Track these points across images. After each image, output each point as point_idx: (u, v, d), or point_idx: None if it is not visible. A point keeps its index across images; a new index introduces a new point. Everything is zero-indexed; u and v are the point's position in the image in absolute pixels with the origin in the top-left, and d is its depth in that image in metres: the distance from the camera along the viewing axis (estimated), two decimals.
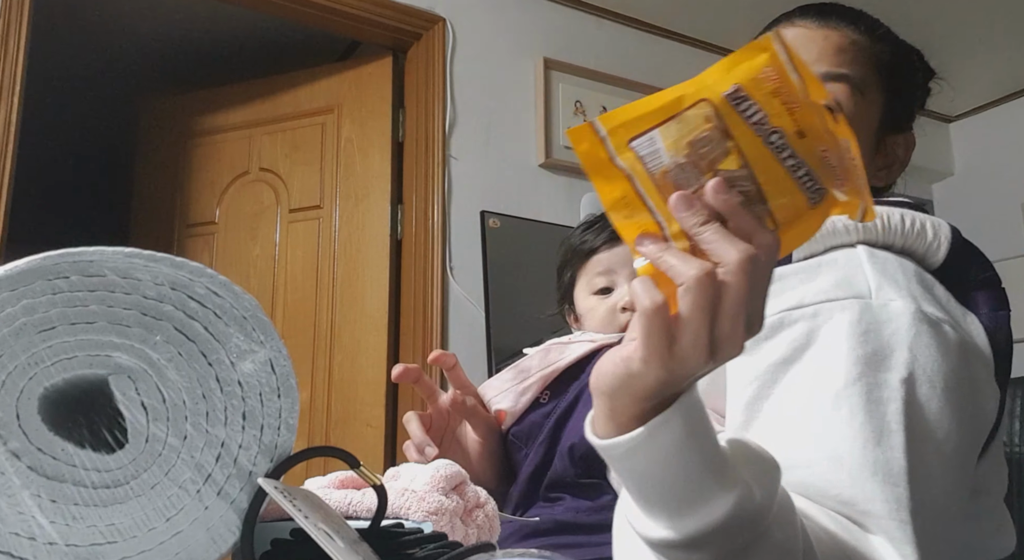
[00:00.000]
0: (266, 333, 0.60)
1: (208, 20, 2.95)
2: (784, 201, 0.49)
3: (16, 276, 0.52)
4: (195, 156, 2.77)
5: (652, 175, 0.49)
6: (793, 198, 0.49)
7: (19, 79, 1.96)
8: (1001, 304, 0.74)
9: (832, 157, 0.49)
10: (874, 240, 0.73)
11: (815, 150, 0.48)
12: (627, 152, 0.49)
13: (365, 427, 2.36)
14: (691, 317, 0.46)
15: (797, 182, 0.48)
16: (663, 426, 0.48)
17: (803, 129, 0.47)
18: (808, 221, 0.50)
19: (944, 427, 0.62)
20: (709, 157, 0.48)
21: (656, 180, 0.49)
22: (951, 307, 0.70)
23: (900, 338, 0.64)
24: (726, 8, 2.76)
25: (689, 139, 0.48)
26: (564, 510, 0.92)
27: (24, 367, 0.53)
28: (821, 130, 0.48)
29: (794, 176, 0.48)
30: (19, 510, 0.52)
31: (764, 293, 0.48)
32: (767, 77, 0.47)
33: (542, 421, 0.98)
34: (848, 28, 0.84)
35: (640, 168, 0.49)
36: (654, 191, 0.49)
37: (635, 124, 0.48)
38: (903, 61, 0.87)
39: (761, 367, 0.66)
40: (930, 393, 0.63)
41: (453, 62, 2.52)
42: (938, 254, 0.74)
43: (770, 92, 0.47)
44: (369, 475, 0.64)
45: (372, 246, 2.49)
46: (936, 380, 0.63)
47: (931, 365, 0.64)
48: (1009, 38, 3.00)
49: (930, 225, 0.74)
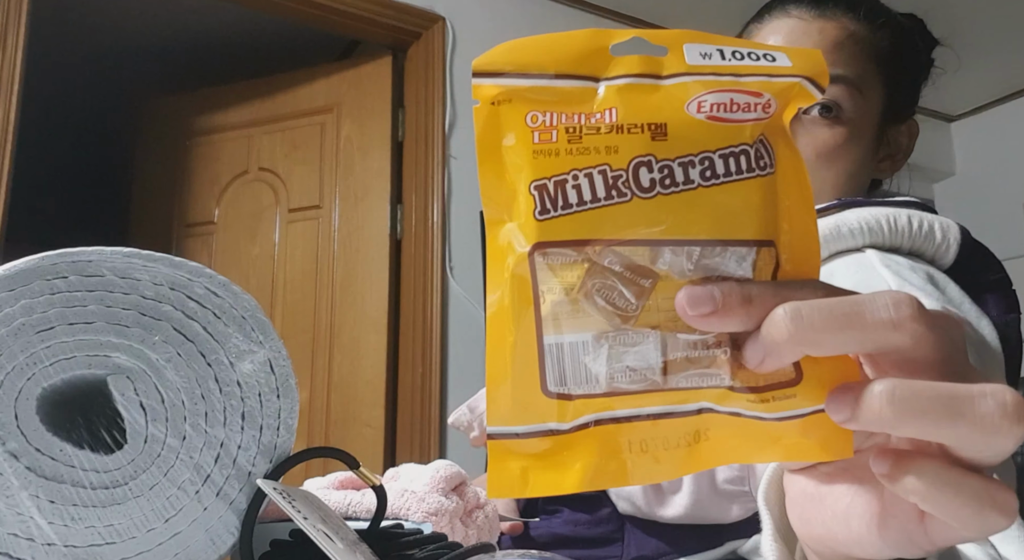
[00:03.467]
0: (265, 333, 0.59)
1: (207, 20, 2.94)
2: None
3: (14, 276, 0.52)
4: (194, 155, 2.76)
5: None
6: (740, 198, 0.32)
7: (18, 78, 1.96)
8: (1011, 307, 0.72)
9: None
10: (881, 243, 0.71)
11: (698, 142, 0.32)
12: (558, 406, 0.32)
13: (365, 427, 2.36)
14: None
15: (723, 181, 0.32)
16: None
17: (655, 122, 0.32)
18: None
19: None
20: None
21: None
22: (965, 307, 0.69)
23: None
24: (726, 8, 2.76)
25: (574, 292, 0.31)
26: (562, 523, 0.91)
27: (22, 367, 0.52)
28: (682, 124, 0.32)
29: (714, 180, 0.32)
30: (17, 511, 0.51)
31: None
32: (544, 127, 0.32)
33: None
34: (846, 17, 0.81)
35: (599, 394, 0.32)
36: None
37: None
38: (904, 47, 0.84)
39: None
40: None
41: (453, 61, 2.52)
42: (947, 256, 0.72)
43: (566, 140, 0.32)
44: (368, 476, 0.64)
45: (372, 246, 2.49)
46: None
47: None
48: (1009, 38, 3.00)
49: (938, 226, 0.73)
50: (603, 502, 0.90)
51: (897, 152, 0.85)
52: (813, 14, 0.81)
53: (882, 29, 0.82)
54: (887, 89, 0.82)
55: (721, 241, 0.31)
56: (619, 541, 0.86)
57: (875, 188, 0.88)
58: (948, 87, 0.90)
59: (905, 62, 0.84)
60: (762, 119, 0.33)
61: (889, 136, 0.84)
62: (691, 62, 0.32)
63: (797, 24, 0.81)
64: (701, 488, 0.79)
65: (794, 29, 0.81)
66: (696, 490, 0.79)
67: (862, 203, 0.75)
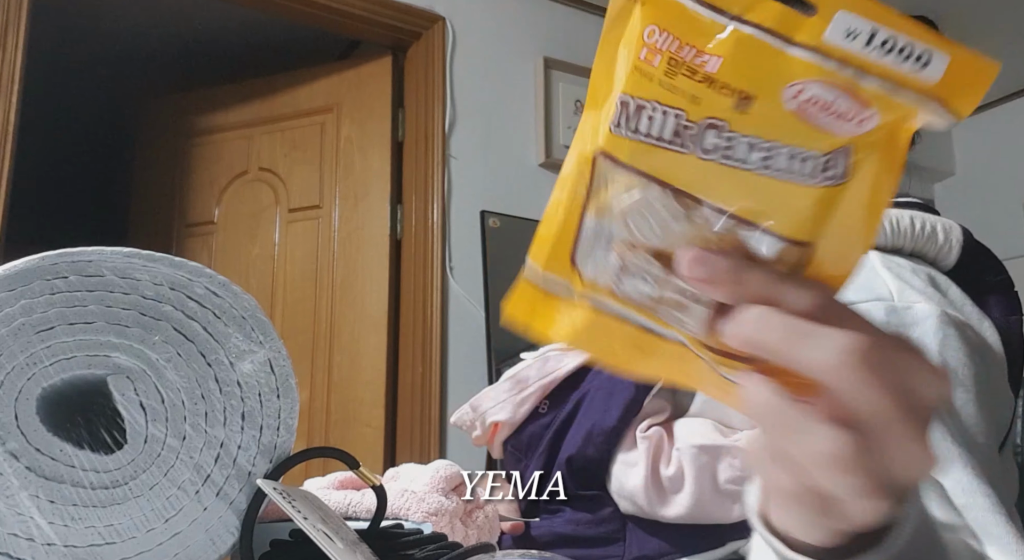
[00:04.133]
0: (265, 333, 0.59)
1: (207, 20, 2.94)
2: (781, 209, 0.32)
3: (14, 276, 0.52)
4: (194, 156, 2.77)
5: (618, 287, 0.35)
6: (788, 199, 0.32)
7: (18, 78, 1.96)
8: (1013, 309, 0.72)
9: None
10: (883, 244, 0.71)
11: (774, 130, 0.31)
12: (575, 276, 0.36)
13: (365, 427, 2.36)
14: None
15: (779, 176, 0.31)
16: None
17: (747, 92, 0.31)
18: (838, 203, 0.32)
19: (983, 431, 0.61)
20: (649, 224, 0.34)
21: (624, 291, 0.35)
22: (967, 310, 0.69)
23: (929, 341, 0.62)
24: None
25: (618, 218, 0.34)
26: (563, 522, 0.91)
27: (22, 367, 0.52)
28: (772, 86, 0.31)
29: (770, 172, 0.31)
30: (17, 511, 0.51)
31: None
32: (654, 47, 0.32)
33: (541, 432, 0.98)
34: None
35: (602, 286, 0.35)
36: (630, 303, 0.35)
37: (562, 242, 0.36)
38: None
39: None
40: (965, 397, 0.61)
41: (453, 62, 2.52)
42: (949, 257, 0.72)
43: (664, 70, 0.32)
44: (368, 476, 0.64)
45: (372, 246, 2.49)
46: (968, 384, 0.61)
47: (962, 369, 0.62)
48: (1009, 39, 3.00)
49: (941, 227, 0.73)
50: (605, 501, 0.90)
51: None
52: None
53: None
54: None
55: (756, 226, 0.33)
56: (621, 540, 0.86)
57: None
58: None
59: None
60: (854, 133, 0.31)
61: None
62: (828, 38, 0.30)
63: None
64: (703, 488, 0.79)
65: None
66: (698, 490, 0.79)
67: None
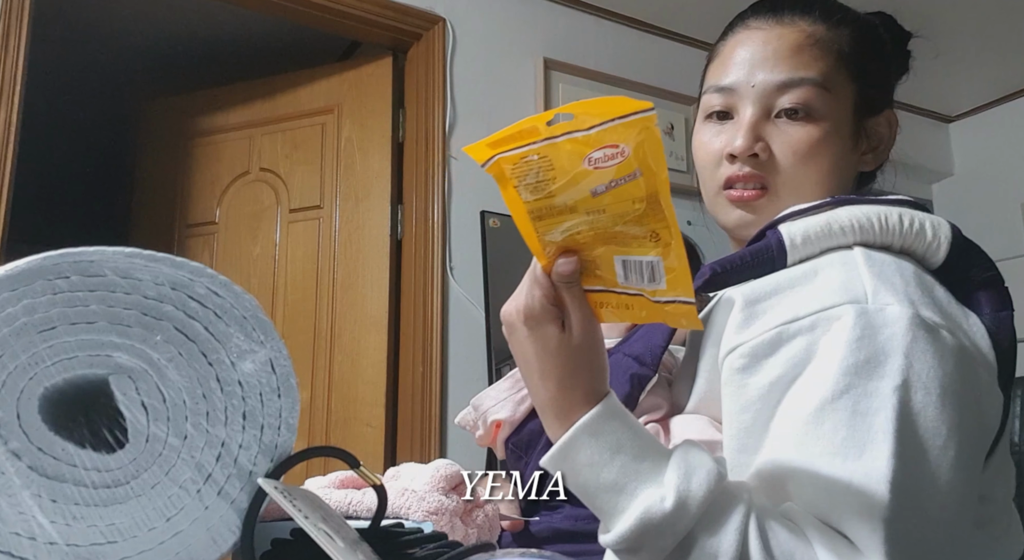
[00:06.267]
0: (266, 333, 0.60)
1: (208, 20, 2.95)
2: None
3: (16, 276, 0.52)
4: (195, 156, 2.77)
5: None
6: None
7: (19, 80, 1.96)
8: (1004, 304, 0.72)
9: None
10: (872, 241, 0.71)
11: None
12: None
13: (365, 427, 2.37)
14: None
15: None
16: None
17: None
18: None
19: (943, 434, 0.61)
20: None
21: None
22: (951, 309, 0.69)
23: (895, 344, 0.63)
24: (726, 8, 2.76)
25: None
26: (563, 518, 0.92)
27: (25, 367, 0.53)
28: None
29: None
30: (19, 510, 0.52)
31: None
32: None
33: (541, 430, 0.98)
34: (803, 21, 0.83)
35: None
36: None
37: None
38: (867, 42, 0.85)
39: (764, 385, 0.66)
40: (926, 400, 0.62)
41: (453, 62, 2.52)
42: (938, 254, 0.72)
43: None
44: (369, 475, 0.65)
45: (372, 246, 2.49)
46: (932, 386, 0.62)
47: (927, 371, 0.63)
48: (1009, 38, 3.00)
49: (929, 224, 0.73)
50: None
51: (879, 144, 0.86)
52: (771, 23, 0.84)
53: (840, 27, 0.84)
54: (856, 83, 0.83)
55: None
56: None
57: (866, 181, 0.89)
58: (947, 87, 0.91)
59: (871, 56, 0.86)
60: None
61: (868, 129, 0.85)
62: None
63: (758, 34, 0.84)
64: None
65: (756, 39, 0.84)
66: None
67: (855, 201, 0.75)
